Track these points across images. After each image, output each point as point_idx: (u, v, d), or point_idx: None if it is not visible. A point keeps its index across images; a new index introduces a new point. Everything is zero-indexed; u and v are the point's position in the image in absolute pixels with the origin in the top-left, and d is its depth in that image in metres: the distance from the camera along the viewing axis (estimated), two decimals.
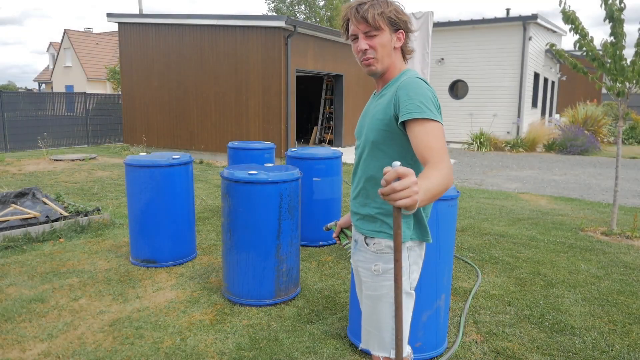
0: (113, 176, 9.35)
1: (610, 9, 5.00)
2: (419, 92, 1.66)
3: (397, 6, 1.78)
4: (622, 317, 3.43)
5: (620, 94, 5.33)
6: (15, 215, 5.23)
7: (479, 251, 4.87)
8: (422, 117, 1.61)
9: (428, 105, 1.64)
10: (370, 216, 1.85)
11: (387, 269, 1.81)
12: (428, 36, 6.86)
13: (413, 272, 1.86)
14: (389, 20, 1.75)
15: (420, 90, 1.67)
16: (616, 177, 5.56)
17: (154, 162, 4.26)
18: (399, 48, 1.82)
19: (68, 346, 2.98)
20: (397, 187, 1.26)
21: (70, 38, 36.27)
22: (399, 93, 1.69)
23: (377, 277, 1.83)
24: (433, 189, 1.46)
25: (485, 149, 14.89)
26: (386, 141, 1.76)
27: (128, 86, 14.58)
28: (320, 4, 36.96)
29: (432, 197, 1.48)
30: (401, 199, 1.26)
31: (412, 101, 1.64)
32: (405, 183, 1.26)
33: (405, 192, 1.26)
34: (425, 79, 1.73)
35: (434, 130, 1.60)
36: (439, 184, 1.49)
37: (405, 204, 1.27)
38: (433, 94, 1.69)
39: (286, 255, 3.62)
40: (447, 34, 16.58)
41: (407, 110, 1.64)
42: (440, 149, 1.58)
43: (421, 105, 1.63)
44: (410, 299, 1.87)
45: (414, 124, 1.62)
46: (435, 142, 1.59)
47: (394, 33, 1.79)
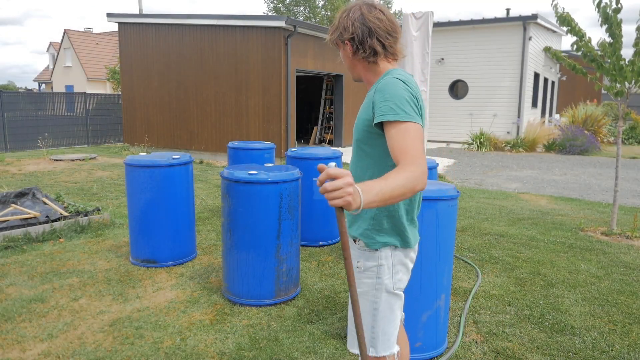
0: (113, 176, 9.35)
1: (604, 12, 5.00)
2: (394, 93, 1.66)
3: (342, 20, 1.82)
4: (622, 317, 3.43)
5: (619, 94, 5.33)
6: (15, 215, 5.24)
7: (479, 251, 4.87)
8: (395, 120, 1.62)
9: (403, 107, 1.64)
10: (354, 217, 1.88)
11: (368, 266, 1.84)
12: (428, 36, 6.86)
13: (398, 272, 1.85)
14: (339, 38, 1.83)
15: (396, 91, 1.67)
16: (616, 177, 5.56)
17: (154, 162, 4.26)
18: (359, 58, 1.83)
19: (68, 346, 2.98)
20: (327, 187, 1.31)
21: (70, 38, 36.27)
22: (376, 95, 1.71)
23: (360, 274, 1.86)
24: (388, 191, 1.45)
25: (485, 149, 14.89)
26: (368, 141, 1.79)
27: (128, 86, 14.58)
28: (320, 4, 36.95)
29: (389, 199, 1.47)
30: (333, 199, 1.32)
31: (386, 103, 1.65)
32: (337, 184, 1.32)
33: (336, 192, 1.32)
34: (408, 77, 1.74)
35: (408, 132, 1.60)
36: (398, 185, 1.47)
37: (337, 204, 1.33)
38: (411, 94, 1.68)
39: (286, 255, 3.62)
40: (447, 34, 16.58)
41: (381, 112, 1.65)
42: (413, 151, 1.57)
43: (395, 107, 1.63)
44: (395, 299, 1.87)
45: (389, 126, 1.63)
46: (409, 144, 1.58)
47: (344, 46, 1.84)
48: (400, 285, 1.87)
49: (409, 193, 1.51)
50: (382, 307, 1.85)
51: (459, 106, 16.82)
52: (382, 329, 1.86)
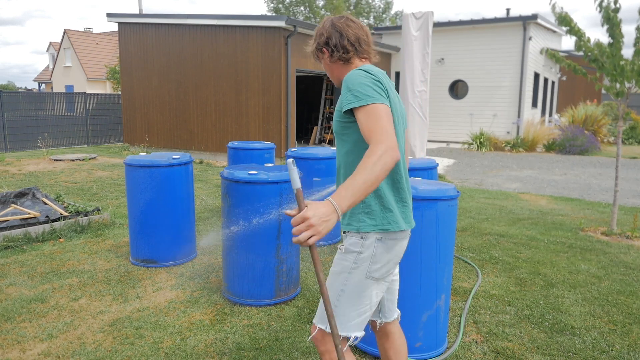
0: (113, 176, 9.35)
1: (606, 12, 5.00)
2: (355, 81, 1.78)
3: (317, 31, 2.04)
4: (622, 317, 3.43)
5: (619, 94, 5.33)
6: (15, 215, 5.23)
7: (479, 251, 4.87)
8: (360, 105, 1.73)
9: (365, 92, 1.75)
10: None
11: (349, 250, 1.91)
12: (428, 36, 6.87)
13: (376, 263, 1.90)
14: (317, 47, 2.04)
15: (357, 79, 1.79)
16: (616, 177, 5.56)
17: (153, 162, 4.26)
18: (335, 60, 2.00)
19: (68, 346, 2.98)
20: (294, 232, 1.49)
21: (70, 38, 36.27)
22: (342, 88, 1.86)
23: (340, 254, 1.95)
24: (360, 183, 1.56)
25: (485, 149, 14.89)
26: (344, 131, 1.93)
27: (128, 86, 14.58)
28: (320, 4, 36.95)
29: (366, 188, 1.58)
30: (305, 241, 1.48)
31: (350, 92, 1.78)
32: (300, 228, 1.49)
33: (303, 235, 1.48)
34: (370, 67, 1.85)
35: (373, 112, 1.71)
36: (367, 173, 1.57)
37: (312, 242, 1.49)
38: (373, 79, 1.79)
39: (286, 256, 3.62)
40: (447, 34, 16.58)
41: (348, 102, 1.78)
42: (378, 129, 1.67)
43: (359, 94, 1.75)
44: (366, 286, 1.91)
45: (357, 113, 1.75)
46: (374, 123, 1.69)
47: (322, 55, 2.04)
48: (375, 275, 1.91)
49: (382, 172, 1.59)
50: (349, 290, 1.91)
51: (459, 106, 16.82)
52: (343, 311, 1.92)
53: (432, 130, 16.52)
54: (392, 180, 1.91)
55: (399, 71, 16.45)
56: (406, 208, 1.95)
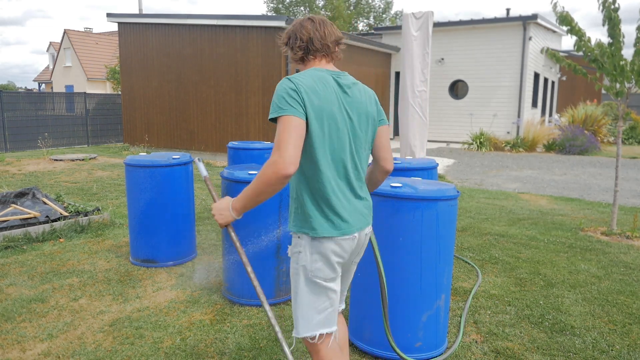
0: (113, 176, 9.35)
1: (608, 11, 5.00)
2: (275, 93, 1.86)
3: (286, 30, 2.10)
4: (622, 317, 3.43)
5: (619, 94, 5.33)
6: (15, 215, 5.23)
7: (479, 251, 4.87)
8: (273, 117, 1.82)
9: (279, 103, 1.81)
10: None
11: (292, 252, 2.02)
12: (428, 36, 6.87)
13: (316, 262, 1.93)
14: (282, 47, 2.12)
15: (277, 89, 1.86)
16: (616, 177, 5.56)
17: (153, 162, 4.26)
18: (296, 58, 2.07)
19: (68, 346, 2.98)
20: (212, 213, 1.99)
21: (70, 38, 36.27)
22: None
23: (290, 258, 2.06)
24: (250, 191, 1.82)
25: (485, 149, 14.89)
26: None
27: (128, 86, 14.58)
28: (320, 4, 36.94)
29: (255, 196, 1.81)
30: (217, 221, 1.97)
31: (271, 104, 1.86)
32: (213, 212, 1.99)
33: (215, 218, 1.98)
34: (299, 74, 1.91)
35: (280, 124, 1.78)
36: (255, 182, 1.78)
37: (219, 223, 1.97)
38: (290, 89, 1.82)
39: (286, 256, 3.61)
40: (447, 34, 16.57)
41: (270, 112, 1.85)
42: (276, 142, 1.75)
43: (273, 106, 1.83)
44: (314, 286, 1.95)
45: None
46: (276, 136, 1.77)
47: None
48: (318, 275, 1.93)
49: (264, 185, 1.75)
50: (301, 291, 1.97)
51: (459, 106, 16.81)
52: (302, 313, 1.98)
53: (432, 130, 16.51)
54: (311, 189, 1.91)
55: (399, 71, 16.45)
56: (334, 217, 1.90)
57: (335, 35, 2.02)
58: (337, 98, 1.90)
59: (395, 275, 2.74)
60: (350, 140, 1.93)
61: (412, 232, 2.70)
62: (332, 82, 1.92)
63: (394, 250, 2.73)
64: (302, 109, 1.79)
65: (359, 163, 1.97)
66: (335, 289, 1.99)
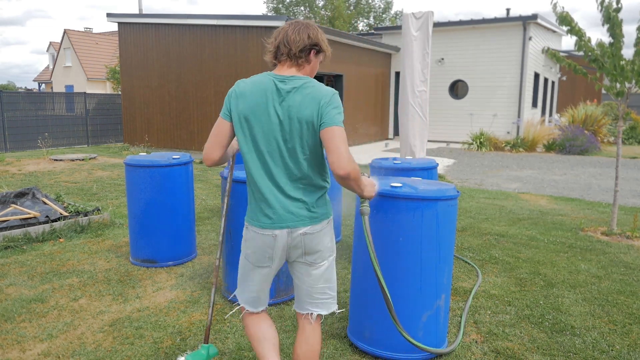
0: (113, 176, 9.35)
1: (607, 11, 5.00)
2: None
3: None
4: (622, 317, 3.43)
5: (619, 94, 5.33)
6: (15, 215, 5.23)
7: (479, 251, 4.87)
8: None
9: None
10: None
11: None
12: (428, 36, 6.86)
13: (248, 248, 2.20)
14: None
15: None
16: (616, 177, 5.56)
17: (153, 162, 4.26)
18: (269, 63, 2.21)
19: (68, 346, 2.98)
20: None
21: (70, 38, 36.27)
22: None
23: None
24: None
25: (485, 149, 14.89)
26: None
27: (128, 86, 14.58)
28: (320, 4, 36.95)
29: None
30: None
31: None
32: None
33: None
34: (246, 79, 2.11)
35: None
36: None
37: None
38: (229, 92, 2.12)
39: None
40: (447, 34, 16.57)
41: None
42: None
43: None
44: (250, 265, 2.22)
45: None
46: None
47: None
48: (250, 259, 2.20)
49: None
50: (239, 265, 2.28)
51: (459, 106, 16.82)
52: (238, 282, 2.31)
53: (432, 130, 16.52)
54: (248, 181, 2.14)
55: (399, 71, 16.45)
56: (258, 210, 2.11)
57: (305, 43, 2.04)
58: (268, 103, 2.01)
59: (395, 275, 2.74)
60: (279, 143, 2.01)
61: (412, 232, 2.70)
62: (270, 86, 2.02)
63: (394, 250, 2.73)
64: (228, 112, 2.10)
65: (292, 164, 2.03)
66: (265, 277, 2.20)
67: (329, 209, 2.16)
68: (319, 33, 2.11)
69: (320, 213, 2.10)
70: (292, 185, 2.05)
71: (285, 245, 2.10)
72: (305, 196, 2.07)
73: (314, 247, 2.11)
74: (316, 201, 2.09)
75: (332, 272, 2.22)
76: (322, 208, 2.12)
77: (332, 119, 1.94)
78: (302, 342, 2.22)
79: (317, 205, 2.09)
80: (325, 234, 2.14)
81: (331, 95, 1.99)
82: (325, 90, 2.02)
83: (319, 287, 2.19)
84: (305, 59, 2.07)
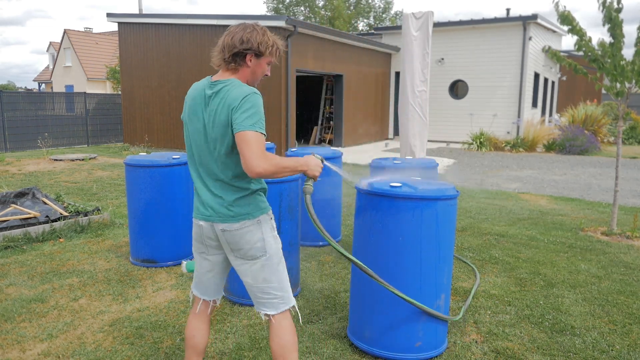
0: (113, 176, 9.35)
1: (608, 11, 5.00)
2: None
3: None
4: (622, 317, 3.43)
5: (619, 94, 5.33)
6: (15, 215, 5.23)
7: (479, 251, 4.87)
8: None
9: None
10: None
11: None
12: (428, 36, 6.86)
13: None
14: None
15: None
16: (616, 177, 5.56)
17: (153, 162, 4.26)
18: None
19: (68, 346, 2.98)
20: None
21: (70, 38, 36.26)
22: None
23: None
24: None
25: (485, 149, 14.89)
26: None
27: (128, 86, 14.58)
28: (320, 4, 36.95)
29: None
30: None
31: None
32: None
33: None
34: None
35: None
36: None
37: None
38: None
39: (286, 255, 3.59)
40: (447, 34, 16.58)
41: None
42: None
43: None
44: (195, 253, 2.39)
45: None
46: None
47: None
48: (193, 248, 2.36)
49: None
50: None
51: (459, 106, 16.82)
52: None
53: (432, 130, 16.51)
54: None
55: (399, 71, 16.45)
56: (195, 200, 2.26)
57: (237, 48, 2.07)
58: (198, 108, 2.13)
59: (394, 275, 2.74)
60: (204, 145, 2.14)
61: (411, 232, 2.70)
62: (201, 92, 2.13)
63: (394, 249, 2.73)
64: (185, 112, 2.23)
65: (214, 166, 2.13)
66: (201, 264, 2.34)
67: (252, 210, 2.16)
68: (259, 35, 2.09)
69: (239, 212, 2.14)
70: (214, 184, 2.16)
71: (213, 237, 2.23)
72: (225, 195, 2.14)
73: (235, 244, 2.18)
74: (235, 200, 2.13)
75: (271, 272, 2.23)
76: (243, 208, 2.14)
77: (239, 125, 1.98)
78: (272, 337, 2.30)
79: (236, 205, 2.14)
80: (248, 233, 2.15)
81: (240, 99, 2.01)
82: (236, 94, 2.03)
83: (260, 286, 2.25)
84: (240, 63, 2.10)
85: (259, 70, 2.15)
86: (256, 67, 2.13)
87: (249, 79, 2.15)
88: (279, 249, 2.28)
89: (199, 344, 2.39)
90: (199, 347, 2.39)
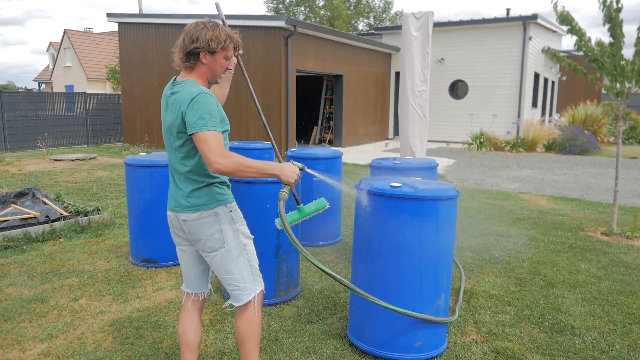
0: (113, 176, 9.35)
1: (608, 11, 5.00)
2: None
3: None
4: (622, 317, 3.43)
5: (619, 94, 5.33)
6: (15, 215, 5.23)
7: (479, 251, 4.87)
8: None
9: None
10: None
11: None
12: (428, 36, 6.86)
13: None
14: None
15: None
16: (616, 177, 5.56)
17: (153, 162, 4.26)
18: None
19: (68, 346, 2.98)
20: None
21: (70, 38, 36.26)
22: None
23: None
24: None
25: (485, 149, 14.89)
26: None
27: (128, 86, 14.58)
28: (320, 4, 36.94)
29: None
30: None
31: None
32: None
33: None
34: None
35: None
36: None
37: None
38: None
39: (286, 255, 3.62)
40: (447, 34, 16.58)
41: None
42: None
43: None
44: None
45: None
46: None
47: None
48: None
49: None
50: None
51: (459, 106, 16.82)
52: None
53: (432, 130, 16.52)
54: None
55: (399, 71, 16.45)
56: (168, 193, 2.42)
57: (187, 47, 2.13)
58: (164, 106, 2.25)
59: (394, 274, 2.74)
60: (168, 141, 2.29)
61: (412, 232, 2.70)
62: (166, 91, 2.24)
63: (394, 249, 2.73)
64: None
65: (175, 160, 2.30)
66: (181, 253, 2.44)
67: (208, 201, 2.24)
68: (209, 32, 2.11)
69: (195, 203, 2.24)
70: (178, 176, 2.31)
71: (179, 228, 2.37)
72: (184, 186, 2.27)
73: (194, 234, 2.28)
74: (191, 192, 2.24)
75: (231, 264, 2.29)
76: (199, 199, 2.23)
77: (192, 126, 2.06)
78: (235, 325, 2.37)
79: (193, 196, 2.24)
80: (204, 224, 2.24)
81: (189, 101, 2.07)
82: (184, 96, 2.09)
83: (223, 277, 2.33)
84: (194, 62, 2.15)
85: (216, 67, 2.18)
86: (212, 63, 2.17)
87: (208, 76, 2.21)
88: (241, 242, 2.32)
89: (192, 341, 2.40)
90: (192, 344, 2.40)
